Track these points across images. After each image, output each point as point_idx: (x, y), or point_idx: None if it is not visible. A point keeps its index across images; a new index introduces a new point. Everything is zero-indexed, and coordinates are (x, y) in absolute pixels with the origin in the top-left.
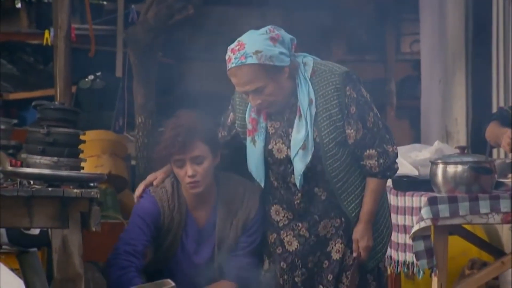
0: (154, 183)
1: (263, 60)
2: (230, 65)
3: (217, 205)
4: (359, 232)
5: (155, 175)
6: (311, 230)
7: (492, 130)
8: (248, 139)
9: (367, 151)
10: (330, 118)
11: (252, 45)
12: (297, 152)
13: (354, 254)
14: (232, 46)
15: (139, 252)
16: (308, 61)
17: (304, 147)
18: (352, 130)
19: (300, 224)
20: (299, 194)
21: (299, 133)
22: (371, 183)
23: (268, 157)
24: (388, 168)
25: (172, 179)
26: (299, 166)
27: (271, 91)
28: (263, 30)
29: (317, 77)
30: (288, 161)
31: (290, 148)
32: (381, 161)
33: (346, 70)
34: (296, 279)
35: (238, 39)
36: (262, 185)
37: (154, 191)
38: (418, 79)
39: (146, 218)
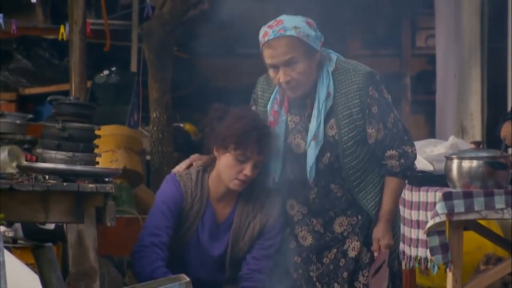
0: (195, 164)
1: (301, 35)
2: (266, 38)
3: (238, 204)
4: (380, 231)
5: (200, 157)
6: (326, 226)
7: (507, 130)
8: None
9: (388, 151)
10: (350, 117)
11: (291, 22)
12: (309, 144)
13: (375, 254)
14: (270, 23)
15: (164, 244)
16: (332, 57)
17: (315, 138)
18: (373, 130)
19: (314, 220)
20: (315, 189)
21: (312, 125)
22: (391, 183)
23: (286, 151)
24: (408, 168)
25: (199, 168)
26: (309, 156)
27: (302, 69)
28: (298, 16)
29: (340, 74)
30: (305, 156)
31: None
32: (402, 161)
33: (370, 70)
34: (311, 273)
35: (276, 18)
36: (277, 178)
37: (179, 175)
38: (434, 74)
39: (170, 204)
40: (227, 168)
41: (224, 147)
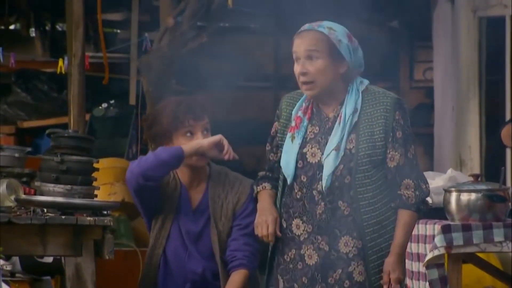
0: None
1: (332, 36)
2: (300, 29)
3: (208, 188)
4: (390, 265)
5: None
6: (331, 244)
7: (508, 133)
8: (288, 135)
9: (406, 180)
10: (371, 136)
11: (330, 24)
12: (329, 153)
13: (385, 287)
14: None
15: None
16: (364, 81)
17: (337, 148)
18: (397, 153)
19: (320, 238)
20: (322, 204)
21: (335, 136)
22: (404, 216)
23: (299, 160)
24: (422, 202)
25: None
26: (329, 165)
27: (321, 66)
28: (344, 28)
29: (369, 95)
30: (319, 166)
31: (324, 153)
32: (417, 193)
33: (399, 98)
34: None
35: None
36: (289, 180)
37: None
38: (432, 107)
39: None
40: None
41: (169, 138)
